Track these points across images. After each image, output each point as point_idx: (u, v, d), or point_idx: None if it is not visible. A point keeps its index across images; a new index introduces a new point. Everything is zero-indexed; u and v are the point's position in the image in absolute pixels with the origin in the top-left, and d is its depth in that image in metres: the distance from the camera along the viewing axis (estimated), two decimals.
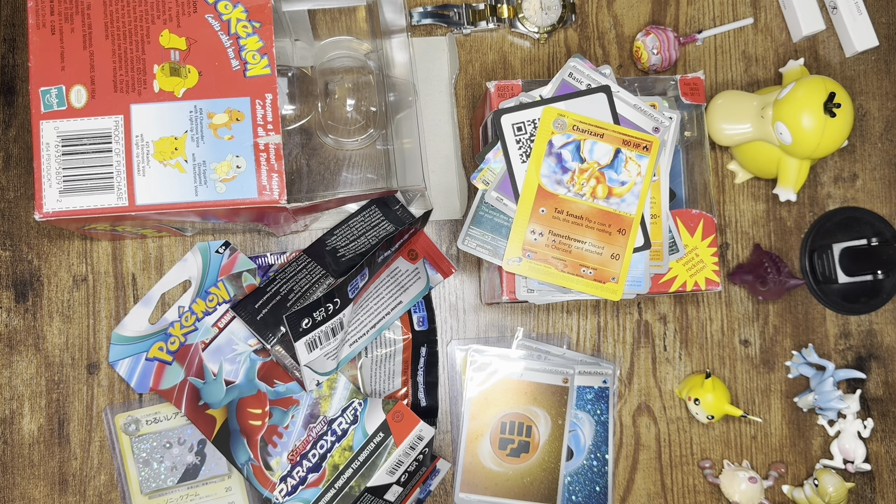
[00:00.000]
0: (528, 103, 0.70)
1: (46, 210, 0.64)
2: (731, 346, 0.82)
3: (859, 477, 0.82)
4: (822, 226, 0.83)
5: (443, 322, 0.81)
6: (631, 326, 0.82)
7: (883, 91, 0.85)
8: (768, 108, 0.76)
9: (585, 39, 0.84)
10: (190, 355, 0.76)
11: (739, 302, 0.83)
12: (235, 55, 0.66)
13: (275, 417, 0.75)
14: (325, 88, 0.78)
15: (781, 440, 0.82)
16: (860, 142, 0.85)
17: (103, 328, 0.78)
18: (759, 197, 0.84)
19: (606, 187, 0.70)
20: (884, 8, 0.86)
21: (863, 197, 0.84)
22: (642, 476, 0.81)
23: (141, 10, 0.66)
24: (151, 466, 0.76)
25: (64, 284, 0.78)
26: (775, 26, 0.85)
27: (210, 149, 0.65)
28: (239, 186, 0.65)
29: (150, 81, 0.65)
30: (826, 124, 0.73)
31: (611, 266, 0.69)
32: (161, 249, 0.79)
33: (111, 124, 0.65)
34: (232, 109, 0.66)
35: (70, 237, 0.79)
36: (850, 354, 0.83)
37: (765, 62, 0.85)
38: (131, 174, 0.65)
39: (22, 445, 0.77)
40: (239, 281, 0.77)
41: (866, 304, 0.83)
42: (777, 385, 0.82)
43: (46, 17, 0.66)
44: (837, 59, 0.85)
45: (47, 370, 0.77)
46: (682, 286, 0.72)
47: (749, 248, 0.83)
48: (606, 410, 0.80)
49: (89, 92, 0.65)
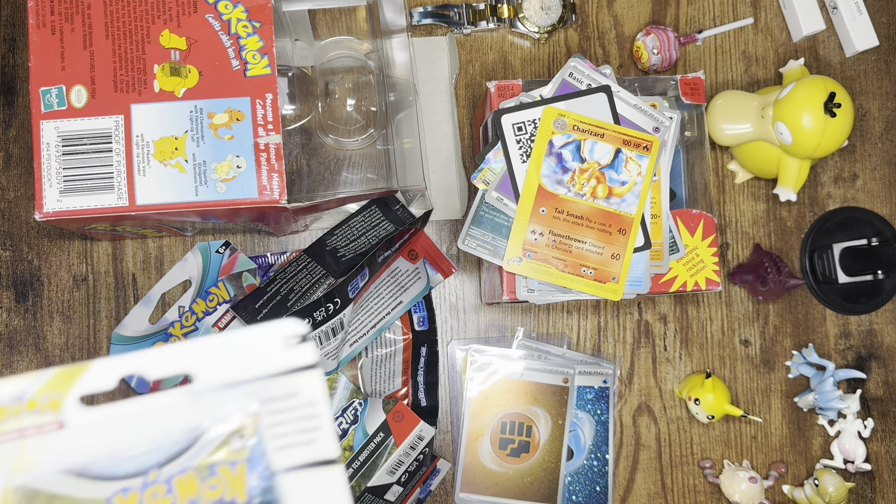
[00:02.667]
0: (529, 103, 0.70)
1: (47, 210, 0.64)
2: (731, 345, 0.82)
3: (859, 477, 0.82)
4: (822, 226, 0.83)
5: (443, 322, 0.81)
6: (631, 326, 0.82)
7: (883, 91, 0.85)
8: (768, 108, 0.76)
9: (586, 39, 0.84)
10: None
11: (740, 302, 0.83)
12: (236, 55, 0.66)
13: None
14: (325, 88, 0.78)
15: (782, 440, 0.82)
16: (860, 142, 0.85)
17: (103, 328, 0.78)
18: (759, 197, 0.84)
19: (607, 187, 0.70)
20: (884, 8, 0.86)
21: (863, 197, 0.84)
22: (642, 476, 0.81)
23: (141, 9, 0.66)
24: None
25: (64, 284, 0.78)
26: (775, 26, 0.85)
27: (210, 149, 0.65)
28: (239, 186, 0.65)
29: (151, 81, 0.65)
30: (826, 124, 0.73)
31: (611, 266, 0.69)
32: (161, 249, 0.79)
33: (111, 124, 0.65)
34: (232, 109, 0.66)
35: (70, 237, 0.78)
36: (850, 354, 0.83)
37: (765, 62, 0.85)
38: (131, 174, 0.65)
39: None
40: (239, 281, 0.77)
41: (866, 303, 0.83)
42: (777, 385, 0.82)
43: (47, 17, 0.66)
44: (837, 59, 0.85)
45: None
46: (682, 286, 0.72)
47: (749, 248, 0.83)
48: (607, 410, 0.80)
49: (89, 92, 0.65)
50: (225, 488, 0.34)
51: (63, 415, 0.34)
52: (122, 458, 0.34)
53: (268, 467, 0.34)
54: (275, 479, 0.34)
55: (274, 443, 0.34)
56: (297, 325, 0.35)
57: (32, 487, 0.34)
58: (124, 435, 0.34)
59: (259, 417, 0.35)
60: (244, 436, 0.35)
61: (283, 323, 0.35)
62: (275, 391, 0.35)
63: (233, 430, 0.35)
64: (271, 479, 0.34)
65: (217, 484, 0.34)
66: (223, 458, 0.34)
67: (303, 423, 0.35)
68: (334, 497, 0.34)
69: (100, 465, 0.34)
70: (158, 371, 0.35)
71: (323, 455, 0.34)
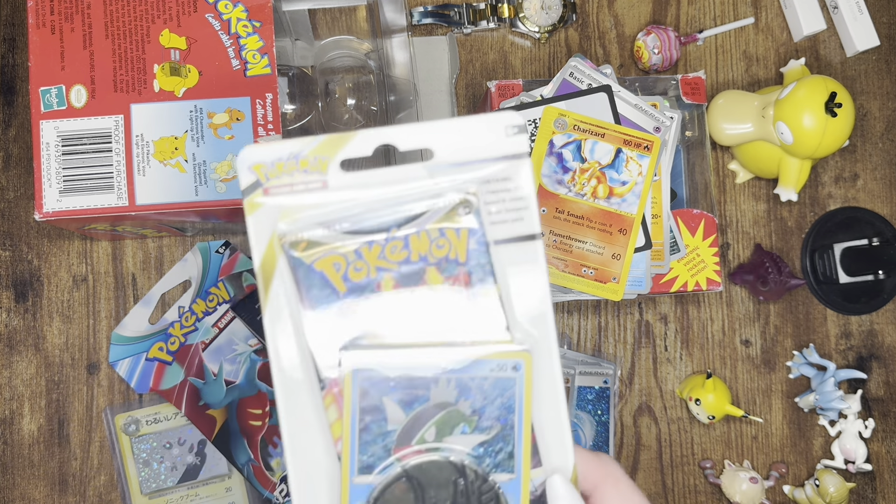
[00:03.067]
0: (529, 103, 0.70)
1: (46, 210, 0.64)
2: (732, 346, 0.82)
3: (860, 477, 0.82)
4: (823, 226, 0.83)
5: None
6: (632, 326, 0.82)
7: (884, 91, 0.85)
8: (769, 108, 0.76)
9: (586, 39, 0.84)
10: (190, 355, 0.75)
11: (740, 302, 0.82)
12: (236, 55, 0.66)
13: (275, 418, 0.75)
14: (325, 88, 0.78)
15: (782, 440, 0.82)
16: (861, 142, 0.85)
17: (103, 328, 0.78)
18: (760, 197, 0.83)
19: (607, 187, 0.69)
20: (885, 7, 0.86)
21: (864, 197, 0.84)
22: (643, 476, 0.81)
23: (141, 9, 0.66)
24: (151, 467, 0.75)
25: (64, 284, 0.78)
26: (776, 26, 0.85)
27: (210, 148, 0.65)
28: (239, 186, 0.65)
29: (151, 81, 0.65)
30: (827, 124, 0.73)
31: (612, 266, 0.69)
32: (161, 249, 0.79)
33: (111, 124, 0.65)
34: (232, 109, 0.65)
35: (70, 237, 0.78)
36: (851, 354, 0.83)
37: (766, 62, 0.85)
38: (131, 174, 0.65)
39: (22, 446, 0.77)
40: (239, 281, 0.77)
41: (867, 304, 0.83)
42: (778, 385, 0.82)
43: (46, 17, 0.66)
44: (838, 59, 0.85)
45: (47, 370, 0.77)
46: (683, 286, 0.72)
47: (750, 248, 0.83)
48: (607, 411, 0.80)
49: (89, 92, 0.65)
50: (450, 248, 0.41)
51: (327, 176, 0.41)
52: (369, 217, 0.41)
53: (484, 236, 0.41)
54: (489, 247, 0.41)
55: (489, 217, 0.42)
56: (516, 116, 0.41)
57: (296, 234, 0.41)
58: (373, 198, 0.41)
59: (479, 195, 0.41)
60: (468, 208, 0.41)
61: (506, 113, 0.41)
62: (494, 174, 0.42)
63: (459, 202, 0.41)
64: (487, 247, 0.41)
65: (444, 244, 0.41)
66: (450, 225, 0.41)
67: (513, 203, 0.42)
68: (536, 264, 0.42)
69: (352, 221, 0.41)
70: (408, 143, 0.41)
71: (529, 231, 0.42)
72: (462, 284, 0.41)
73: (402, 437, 0.40)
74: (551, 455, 0.41)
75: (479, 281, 0.41)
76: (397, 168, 0.41)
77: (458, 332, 0.41)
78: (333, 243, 0.41)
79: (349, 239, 0.41)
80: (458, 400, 0.40)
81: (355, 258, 0.41)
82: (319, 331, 0.41)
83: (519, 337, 0.41)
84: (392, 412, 0.40)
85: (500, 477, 0.41)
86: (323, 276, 0.41)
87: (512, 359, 0.41)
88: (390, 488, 0.40)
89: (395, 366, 0.40)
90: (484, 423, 0.41)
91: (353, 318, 0.41)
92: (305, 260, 0.41)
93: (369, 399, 0.40)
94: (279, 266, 0.41)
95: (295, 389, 0.40)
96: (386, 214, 0.41)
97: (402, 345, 0.41)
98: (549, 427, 0.42)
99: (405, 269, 0.41)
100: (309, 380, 0.40)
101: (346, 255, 0.41)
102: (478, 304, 0.41)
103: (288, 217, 0.41)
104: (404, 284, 0.41)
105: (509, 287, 0.41)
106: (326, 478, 0.40)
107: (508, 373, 0.41)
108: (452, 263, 0.41)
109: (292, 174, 0.41)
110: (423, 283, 0.41)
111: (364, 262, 0.41)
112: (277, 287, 0.40)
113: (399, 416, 0.40)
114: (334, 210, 0.41)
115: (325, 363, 0.40)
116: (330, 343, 0.41)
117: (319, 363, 0.40)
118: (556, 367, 0.42)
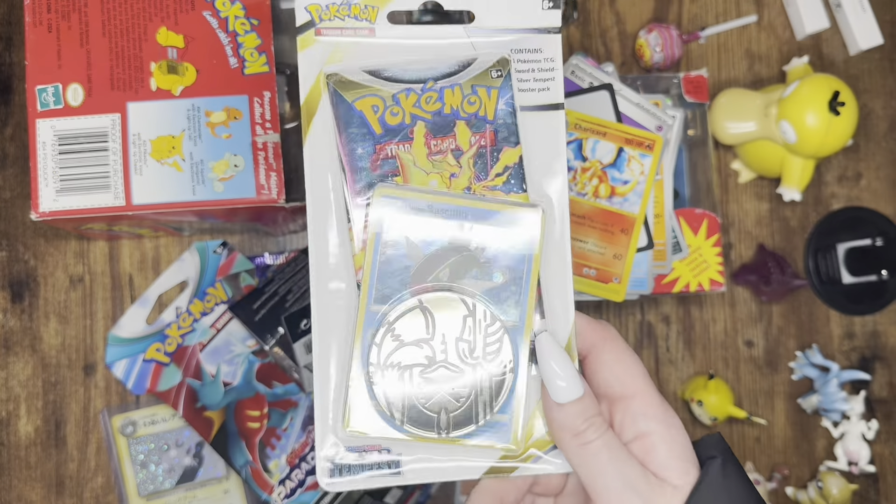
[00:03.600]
0: None
1: (43, 209, 0.64)
2: (734, 347, 0.82)
3: (863, 479, 0.81)
4: (826, 225, 0.82)
5: None
6: (633, 327, 0.81)
7: (887, 89, 0.85)
8: (772, 107, 0.76)
9: (588, 37, 0.83)
10: (187, 357, 0.75)
11: (743, 302, 0.82)
12: (233, 53, 0.65)
13: (273, 419, 0.74)
14: None
15: (785, 442, 0.81)
16: (864, 141, 0.84)
17: (100, 329, 0.77)
18: (762, 196, 0.83)
19: (609, 186, 0.69)
20: (888, 6, 0.85)
21: (867, 196, 0.84)
22: None
23: (138, 7, 0.65)
24: (149, 469, 0.75)
25: (60, 285, 0.77)
26: (779, 24, 0.85)
27: (207, 147, 0.64)
28: (237, 185, 0.64)
29: (148, 79, 0.65)
30: (830, 123, 0.72)
31: (613, 266, 0.69)
32: (158, 249, 0.78)
33: (108, 123, 0.64)
34: (230, 108, 0.65)
35: (66, 237, 0.78)
36: (854, 355, 0.82)
37: (768, 60, 0.84)
38: (128, 173, 0.64)
39: (18, 447, 0.76)
40: (237, 281, 0.77)
41: (871, 304, 0.82)
42: (781, 386, 0.82)
43: (43, 15, 0.65)
44: (841, 57, 0.85)
45: (44, 371, 0.77)
46: (685, 287, 0.71)
47: (753, 247, 0.83)
48: None
49: (86, 90, 0.65)
50: (480, 105, 0.45)
51: (375, 24, 0.45)
52: (409, 68, 0.45)
53: (512, 98, 0.45)
54: (516, 110, 0.45)
55: (518, 84, 0.45)
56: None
57: (340, 75, 0.45)
58: (415, 51, 0.45)
59: (511, 62, 0.45)
60: (500, 70, 0.45)
61: None
62: (526, 44, 0.46)
63: (492, 65, 0.45)
64: (514, 108, 0.45)
65: (475, 101, 0.45)
66: (483, 83, 0.45)
67: (542, 74, 0.46)
68: (556, 130, 0.46)
69: (393, 70, 0.45)
70: (453, 3, 0.46)
71: (553, 100, 0.46)
72: (488, 142, 0.45)
73: (418, 274, 0.44)
74: (555, 310, 0.45)
75: (503, 140, 0.45)
76: (439, 27, 0.45)
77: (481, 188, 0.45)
78: (374, 86, 0.44)
79: (389, 85, 0.44)
80: (474, 246, 0.44)
81: (393, 103, 0.44)
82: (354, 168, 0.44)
83: (534, 198, 0.45)
84: (411, 248, 0.44)
85: (506, 322, 0.44)
86: (362, 115, 0.44)
87: (527, 212, 0.44)
88: (405, 315, 0.43)
89: (421, 202, 0.44)
90: (495, 271, 0.44)
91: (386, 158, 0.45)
92: (347, 98, 0.44)
93: (392, 232, 0.44)
94: (322, 102, 0.44)
95: (325, 212, 0.44)
96: (425, 69, 0.45)
97: (430, 190, 0.44)
98: (555, 285, 0.45)
99: (438, 120, 0.45)
100: (339, 209, 0.44)
101: (385, 99, 0.44)
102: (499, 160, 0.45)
103: (336, 59, 0.45)
104: (435, 134, 0.44)
105: (531, 150, 0.45)
106: (344, 305, 0.44)
107: (523, 225, 0.44)
108: (481, 121, 0.45)
109: (344, 19, 0.45)
110: (452, 135, 0.45)
111: (400, 108, 0.44)
112: (318, 122, 0.44)
113: (417, 253, 0.44)
114: (379, 57, 0.45)
115: (355, 202, 0.44)
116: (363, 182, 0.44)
117: (350, 201, 0.44)
118: (566, 229, 0.45)
